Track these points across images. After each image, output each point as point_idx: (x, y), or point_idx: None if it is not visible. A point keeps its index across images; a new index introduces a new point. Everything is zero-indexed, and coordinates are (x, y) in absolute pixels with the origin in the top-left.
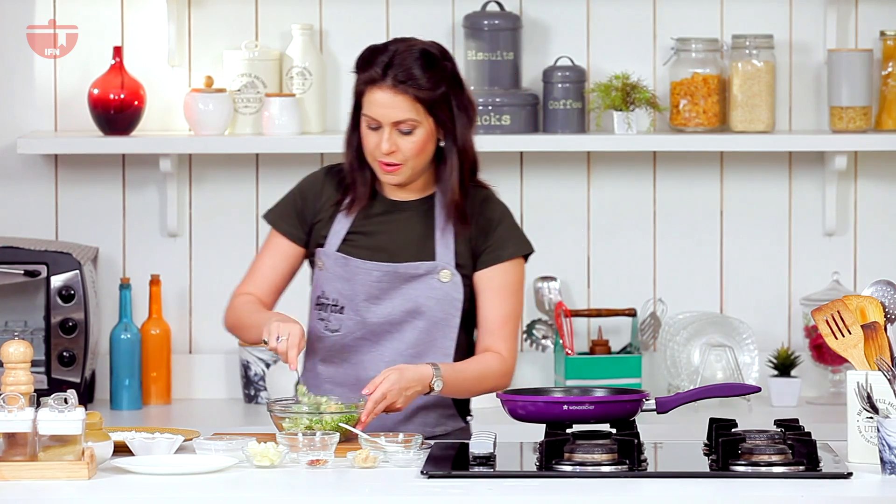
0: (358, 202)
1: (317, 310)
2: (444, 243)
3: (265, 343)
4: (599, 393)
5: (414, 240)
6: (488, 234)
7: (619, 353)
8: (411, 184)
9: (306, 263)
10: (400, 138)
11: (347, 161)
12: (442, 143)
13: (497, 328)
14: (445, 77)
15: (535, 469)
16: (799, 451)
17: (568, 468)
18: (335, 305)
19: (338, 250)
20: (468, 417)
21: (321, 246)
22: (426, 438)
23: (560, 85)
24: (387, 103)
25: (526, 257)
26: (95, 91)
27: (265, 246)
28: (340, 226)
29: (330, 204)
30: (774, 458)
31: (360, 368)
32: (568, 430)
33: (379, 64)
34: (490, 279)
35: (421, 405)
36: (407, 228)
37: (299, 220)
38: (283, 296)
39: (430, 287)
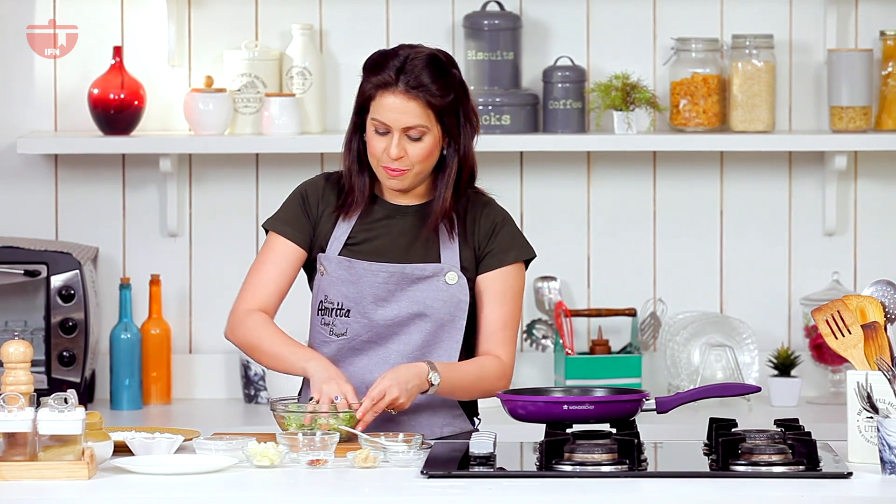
0: (356, 206)
1: (320, 315)
2: (449, 246)
3: (316, 402)
4: (599, 393)
5: (416, 243)
6: (491, 239)
7: (619, 353)
8: (413, 189)
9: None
10: (408, 144)
11: (346, 165)
12: (444, 151)
13: (496, 332)
14: (455, 85)
15: (535, 469)
16: (799, 451)
17: (568, 468)
18: (340, 309)
19: (339, 254)
20: (476, 419)
21: (322, 251)
22: (435, 439)
23: (560, 85)
24: (399, 108)
25: (527, 263)
26: (95, 91)
27: (269, 253)
28: (341, 231)
29: (331, 210)
30: (774, 458)
31: (366, 371)
32: (568, 430)
33: (391, 68)
34: (492, 282)
35: (426, 405)
36: (408, 233)
37: (304, 224)
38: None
39: (437, 289)
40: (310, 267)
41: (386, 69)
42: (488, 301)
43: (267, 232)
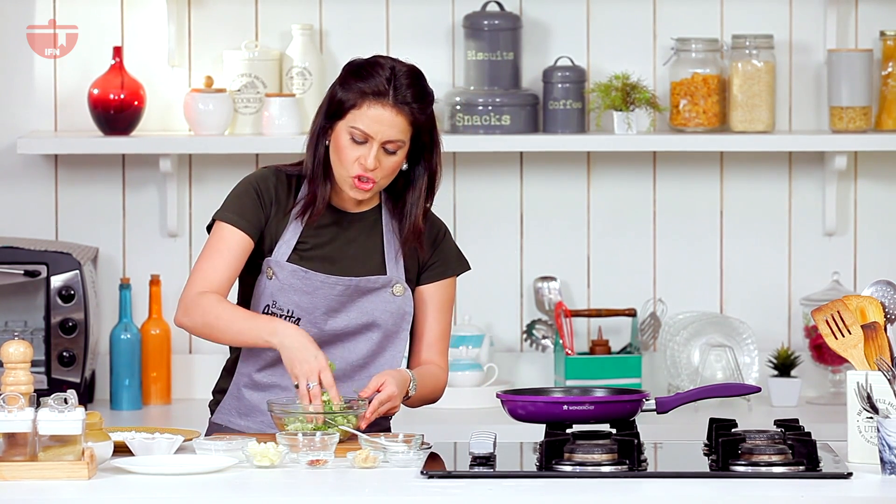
0: (317, 212)
1: None
2: (394, 257)
3: (296, 387)
4: (599, 393)
5: (363, 252)
6: (434, 251)
7: (619, 353)
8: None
9: None
10: (384, 157)
11: (310, 168)
12: (406, 167)
13: (437, 342)
14: (431, 102)
15: (535, 469)
16: (799, 451)
17: (568, 468)
18: (290, 317)
19: (288, 260)
20: (391, 416)
21: (269, 252)
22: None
23: (560, 85)
24: (386, 121)
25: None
26: (95, 91)
27: (221, 242)
28: (290, 234)
29: (282, 209)
30: (774, 458)
31: None
32: (568, 430)
33: (381, 77)
34: (434, 293)
35: None
36: (356, 241)
37: (259, 218)
38: None
39: (385, 300)
40: (250, 262)
41: (376, 78)
42: (430, 311)
43: (213, 222)
